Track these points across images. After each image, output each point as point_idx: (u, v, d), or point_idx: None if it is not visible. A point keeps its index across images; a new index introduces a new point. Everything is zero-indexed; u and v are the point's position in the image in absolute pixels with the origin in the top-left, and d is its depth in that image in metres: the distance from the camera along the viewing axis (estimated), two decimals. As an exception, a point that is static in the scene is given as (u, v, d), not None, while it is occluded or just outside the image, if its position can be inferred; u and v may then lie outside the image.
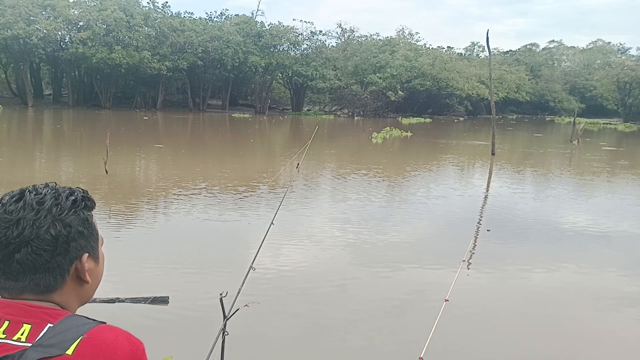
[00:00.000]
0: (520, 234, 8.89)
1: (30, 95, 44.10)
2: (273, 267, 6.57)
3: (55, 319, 1.04)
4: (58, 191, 1.13)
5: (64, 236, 1.09)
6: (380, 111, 52.43)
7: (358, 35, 62.85)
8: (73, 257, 1.12)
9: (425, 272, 6.68)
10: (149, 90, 48.40)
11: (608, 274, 7.03)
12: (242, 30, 48.06)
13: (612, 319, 5.62)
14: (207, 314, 4.91)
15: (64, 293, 1.12)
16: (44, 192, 1.11)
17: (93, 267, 1.17)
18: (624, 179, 16.86)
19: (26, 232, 1.06)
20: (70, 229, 1.10)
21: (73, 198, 1.13)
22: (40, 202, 1.09)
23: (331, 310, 5.45)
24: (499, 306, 5.81)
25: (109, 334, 1.05)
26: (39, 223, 1.07)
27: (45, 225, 1.08)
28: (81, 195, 1.15)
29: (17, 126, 29.64)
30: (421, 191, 12.88)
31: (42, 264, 1.08)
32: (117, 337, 1.05)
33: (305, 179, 13.89)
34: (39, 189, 1.12)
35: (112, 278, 6.01)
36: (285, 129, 36.10)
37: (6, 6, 39.29)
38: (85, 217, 1.15)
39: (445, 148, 24.92)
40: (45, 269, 1.09)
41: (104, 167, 12.64)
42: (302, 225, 8.91)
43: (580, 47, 79.41)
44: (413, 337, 4.69)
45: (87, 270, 1.14)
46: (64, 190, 1.14)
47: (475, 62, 66.24)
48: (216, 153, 20.63)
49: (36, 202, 1.09)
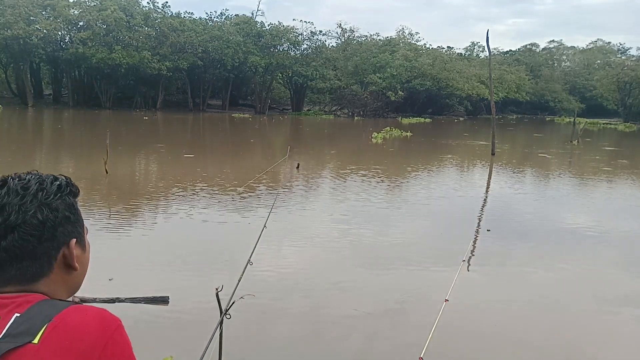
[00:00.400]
0: (520, 233, 8.88)
1: (30, 95, 44.08)
2: (272, 267, 6.57)
3: (23, 308, 1.00)
4: (42, 177, 1.12)
5: (51, 221, 1.07)
6: (380, 111, 52.41)
7: (358, 35, 62.86)
8: (60, 243, 1.10)
9: (425, 272, 6.68)
10: (149, 90, 48.37)
11: (608, 273, 7.03)
12: (242, 30, 48.06)
13: (612, 318, 5.62)
14: (207, 314, 4.91)
15: (51, 281, 1.09)
16: (28, 178, 1.10)
17: (80, 253, 1.15)
18: (624, 179, 16.86)
19: (12, 218, 1.04)
20: (57, 214, 1.09)
21: (58, 183, 1.12)
22: (24, 187, 1.08)
23: (331, 310, 5.45)
24: (499, 306, 5.80)
25: (77, 315, 1.01)
26: (25, 208, 1.05)
27: (31, 210, 1.06)
28: (65, 181, 1.14)
29: (17, 126, 29.64)
30: (421, 191, 12.88)
31: (29, 250, 1.06)
32: (86, 316, 1.01)
33: (305, 179, 13.90)
34: (22, 176, 1.11)
35: (112, 278, 6.01)
36: (285, 130, 36.11)
37: (6, 6, 39.30)
38: (71, 202, 1.13)
39: (445, 148, 24.92)
40: (32, 255, 1.06)
41: (104, 167, 12.64)
42: (302, 225, 8.91)
43: (580, 47, 79.47)
44: (413, 337, 4.68)
45: (75, 257, 1.12)
46: (48, 177, 1.12)
47: (475, 62, 66.20)
48: (216, 153, 20.63)
49: (21, 187, 1.07)
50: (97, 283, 5.80)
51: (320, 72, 49.98)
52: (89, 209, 9.48)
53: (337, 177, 14.70)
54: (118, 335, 1.03)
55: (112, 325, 1.02)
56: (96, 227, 8.11)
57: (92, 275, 4.82)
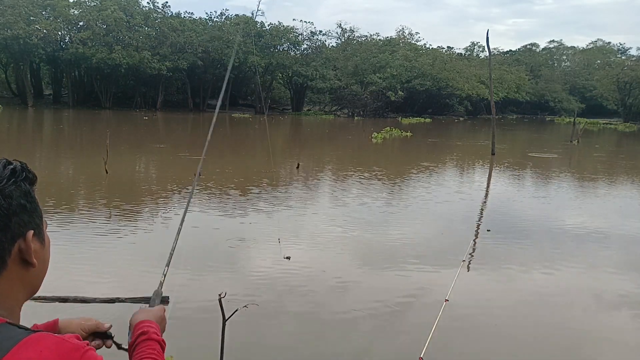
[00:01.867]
0: (520, 233, 8.89)
1: (30, 95, 44.11)
2: (273, 267, 6.58)
3: None
4: None
5: (4, 209, 0.93)
6: (380, 111, 52.43)
7: (358, 35, 62.89)
8: (15, 235, 0.95)
9: (425, 272, 6.68)
10: (149, 90, 48.39)
11: (608, 273, 7.03)
12: (242, 30, 48.03)
13: (612, 318, 5.62)
14: (208, 313, 4.91)
15: (5, 279, 0.95)
16: None
17: (39, 248, 1.00)
18: (624, 179, 16.86)
19: None
20: (10, 201, 0.94)
21: (12, 167, 0.97)
22: None
23: (331, 310, 5.45)
24: (498, 306, 5.81)
25: (31, 352, 0.87)
26: None
27: None
28: (20, 165, 1.00)
29: (17, 126, 29.64)
30: (421, 191, 12.88)
31: None
32: (41, 353, 0.87)
33: (305, 179, 13.90)
34: None
35: (112, 278, 6.02)
36: (285, 130, 36.11)
37: (6, 6, 39.32)
38: (27, 189, 0.99)
39: (445, 148, 24.92)
40: None
41: (104, 167, 12.64)
42: (302, 225, 8.92)
43: (580, 47, 79.62)
44: (413, 337, 4.68)
45: (32, 251, 0.98)
46: (0, 160, 0.99)
47: (475, 62, 66.24)
48: (216, 153, 20.62)
49: None
50: (97, 283, 5.81)
51: (320, 72, 50.01)
52: (89, 208, 9.49)
53: (337, 177, 14.70)
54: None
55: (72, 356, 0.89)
56: (96, 227, 8.12)
57: (92, 275, 4.85)
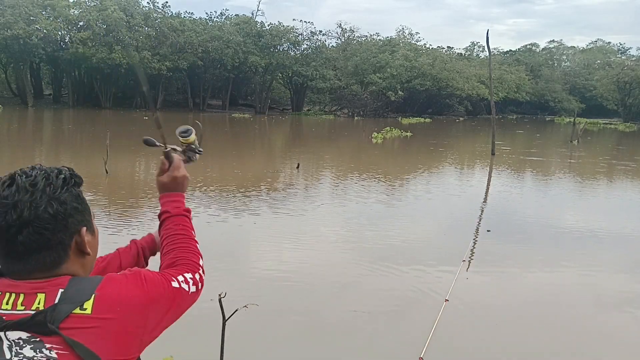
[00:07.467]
0: (520, 234, 8.89)
1: (30, 95, 44.09)
2: (273, 267, 6.58)
3: (64, 284, 1.13)
4: (47, 171, 1.18)
5: (62, 213, 1.15)
6: (380, 111, 52.42)
7: (358, 35, 62.82)
8: (72, 232, 1.18)
9: (425, 272, 6.68)
10: (149, 90, 48.36)
11: (608, 273, 7.03)
12: (242, 30, 48.06)
13: (612, 318, 5.62)
14: (208, 313, 4.91)
15: (69, 266, 1.18)
16: (34, 174, 1.16)
17: (91, 239, 1.24)
18: (624, 179, 16.86)
19: (25, 214, 1.11)
20: (66, 206, 1.16)
21: (63, 176, 1.19)
22: (32, 184, 1.14)
23: (331, 310, 5.45)
24: (499, 306, 5.80)
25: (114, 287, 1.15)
26: (36, 204, 1.12)
27: (42, 205, 1.12)
28: (69, 173, 1.21)
29: (17, 126, 29.64)
30: (421, 191, 12.88)
31: (44, 242, 1.13)
32: (121, 288, 1.16)
33: (304, 180, 13.90)
34: (28, 172, 1.17)
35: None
36: (285, 130, 36.11)
37: (6, 6, 39.29)
38: (77, 193, 1.21)
39: (445, 148, 24.92)
40: (48, 246, 1.14)
41: (104, 167, 12.64)
42: (301, 225, 8.92)
43: (580, 47, 79.60)
44: (413, 337, 4.68)
45: (86, 243, 1.21)
46: (52, 170, 1.19)
47: (475, 62, 66.26)
48: (216, 153, 20.61)
49: (29, 184, 1.13)
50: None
51: (320, 72, 49.98)
52: (89, 209, 9.46)
53: (337, 177, 14.70)
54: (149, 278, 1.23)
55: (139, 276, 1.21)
56: (96, 226, 8.10)
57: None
